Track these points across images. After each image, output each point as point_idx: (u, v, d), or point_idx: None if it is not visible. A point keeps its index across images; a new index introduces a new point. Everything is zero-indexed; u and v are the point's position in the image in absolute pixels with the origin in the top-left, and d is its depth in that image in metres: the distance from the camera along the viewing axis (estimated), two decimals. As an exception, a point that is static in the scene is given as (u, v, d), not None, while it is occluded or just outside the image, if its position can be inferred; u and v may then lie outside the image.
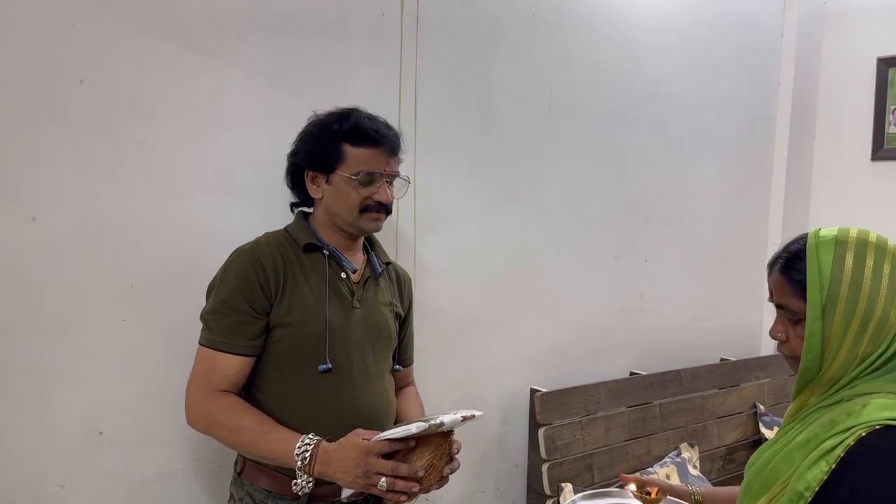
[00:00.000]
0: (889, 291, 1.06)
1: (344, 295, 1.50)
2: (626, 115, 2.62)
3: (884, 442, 0.99)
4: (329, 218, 1.51)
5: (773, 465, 1.11)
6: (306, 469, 1.33)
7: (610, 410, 2.47)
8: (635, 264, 2.74)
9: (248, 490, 1.47)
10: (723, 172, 3.03)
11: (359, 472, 1.31)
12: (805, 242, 1.13)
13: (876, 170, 3.18)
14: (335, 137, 1.46)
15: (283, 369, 1.44)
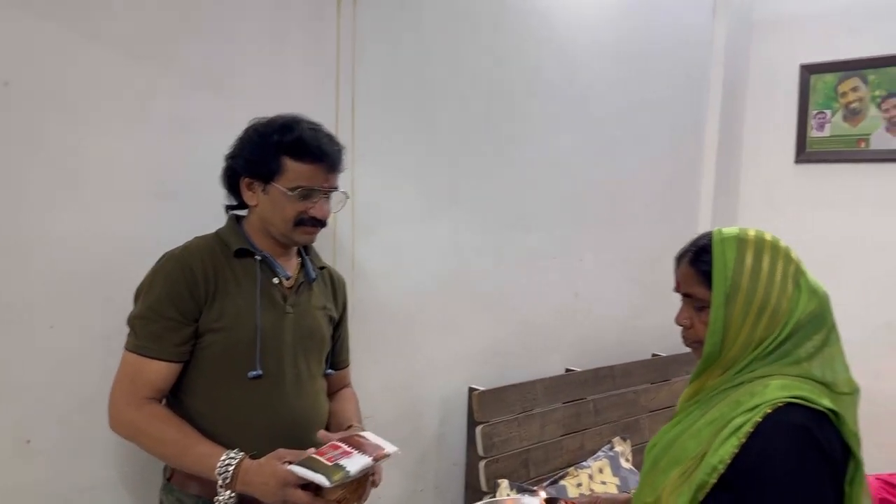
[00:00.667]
0: (782, 284, 1.17)
1: (276, 300, 1.50)
2: (561, 119, 2.68)
3: (786, 417, 1.09)
4: (263, 225, 1.50)
5: (682, 442, 1.21)
6: (228, 486, 1.33)
7: (546, 407, 2.54)
8: (571, 264, 2.81)
9: (178, 496, 1.46)
10: (655, 175, 3.12)
11: (277, 498, 1.32)
12: (711, 238, 1.23)
13: (799, 172, 3.32)
14: (276, 149, 1.44)
15: (213, 375, 1.44)
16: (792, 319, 1.16)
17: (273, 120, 1.50)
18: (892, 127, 3.03)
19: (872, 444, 3.10)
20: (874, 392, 3.08)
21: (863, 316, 3.10)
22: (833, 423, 1.12)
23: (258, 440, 1.41)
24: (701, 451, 1.15)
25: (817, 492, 1.07)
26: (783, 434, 1.08)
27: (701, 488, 1.12)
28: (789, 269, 1.19)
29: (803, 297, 1.18)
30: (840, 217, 3.19)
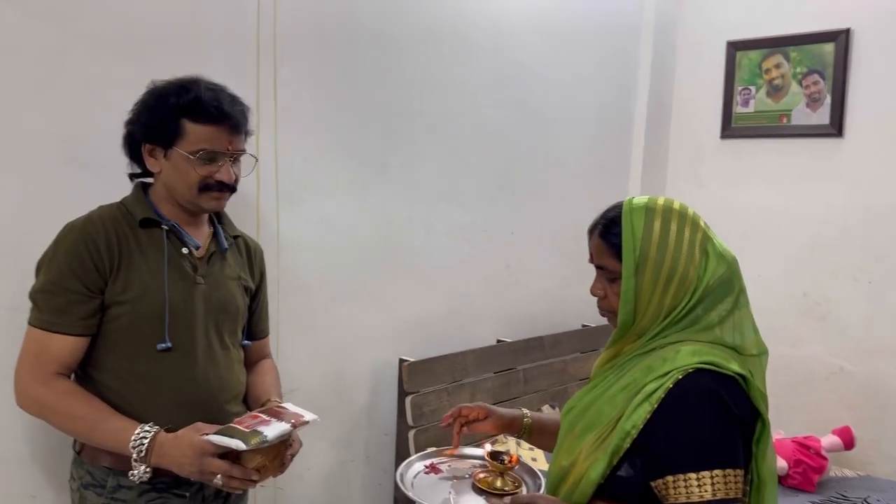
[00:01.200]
0: (689, 252, 1.20)
1: (186, 271, 1.46)
2: (492, 94, 2.70)
3: (695, 383, 1.13)
4: (168, 193, 1.46)
5: (597, 407, 1.24)
6: (143, 460, 1.32)
7: (476, 377, 2.57)
8: (502, 237, 2.84)
9: (88, 469, 1.43)
10: (585, 149, 3.17)
11: (194, 469, 1.31)
12: (620, 210, 1.25)
13: (725, 147, 3.42)
14: (174, 111, 1.39)
15: (121, 349, 1.40)
16: (700, 286, 1.20)
17: (171, 82, 1.44)
18: (812, 103, 3.14)
19: (790, 409, 3.26)
20: (792, 359, 3.24)
21: (782, 286, 3.23)
22: (741, 387, 1.16)
23: (169, 413, 1.39)
24: (615, 416, 1.19)
25: (727, 452, 1.11)
26: (694, 398, 1.13)
27: (615, 453, 1.16)
28: (696, 236, 1.22)
29: (711, 262, 1.21)
30: (762, 191, 3.30)
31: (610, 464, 1.16)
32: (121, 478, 1.39)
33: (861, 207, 3.05)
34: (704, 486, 1.09)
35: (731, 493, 1.10)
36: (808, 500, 2.64)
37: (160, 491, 1.41)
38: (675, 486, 1.11)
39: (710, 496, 1.09)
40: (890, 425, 3.02)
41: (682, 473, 1.10)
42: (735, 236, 3.34)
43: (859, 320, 3.08)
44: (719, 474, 1.10)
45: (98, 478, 1.41)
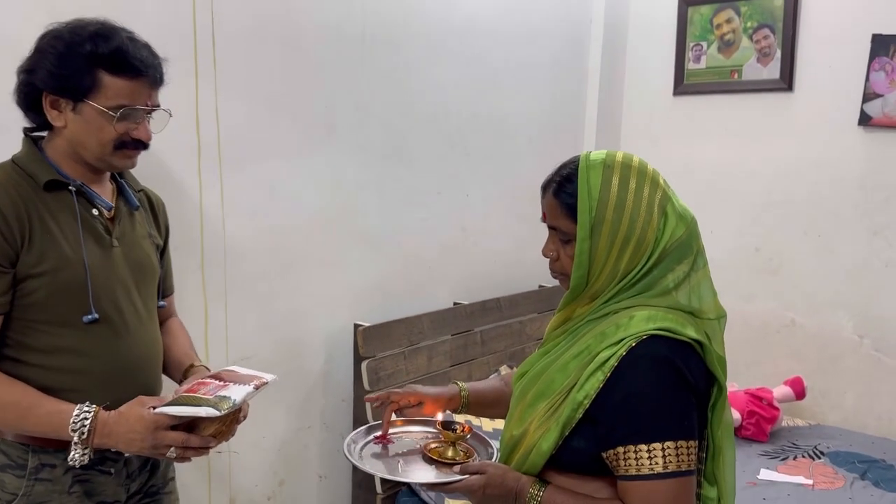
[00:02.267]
0: (647, 213, 1.15)
1: (100, 234, 1.35)
2: (442, 50, 2.64)
3: (649, 351, 1.10)
4: (72, 149, 1.32)
5: (549, 374, 1.20)
6: (85, 442, 1.24)
7: (433, 339, 2.56)
8: (457, 199, 2.81)
9: (1, 448, 1.32)
10: (538, 107, 3.14)
11: (146, 444, 1.25)
12: (576, 166, 1.18)
13: (677, 104, 3.41)
14: (89, 61, 1.24)
15: (41, 325, 1.29)
16: (658, 248, 1.15)
17: (80, 25, 1.27)
18: (762, 58, 3.14)
19: (743, 363, 3.32)
20: (745, 314, 3.29)
21: (735, 242, 3.27)
22: (697, 353, 1.13)
23: (102, 387, 1.32)
24: (567, 385, 1.15)
25: (680, 423, 1.09)
26: (646, 367, 1.09)
27: (567, 424, 1.13)
28: (655, 195, 1.16)
29: (669, 223, 1.15)
30: (715, 147, 3.32)
31: (562, 435, 1.14)
32: (42, 455, 1.31)
33: (811, 161, 3.09)
34: (655, 458, 1.07)
35: (683, 465, 1.07)
36: (760, 449, 2.71)
37: (85, 468, 1.32)
38: (626, 458, 1.08)
39: (662, 468, 1.07)
40: (839, 375, 3.10)
41: (633, 445, 1.08)
42: (689, 193, 3.33)
43: (809, 274, 3.14)
44: (671, 446, 1.07)
45: (15, 457, 1.31)
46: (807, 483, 2.42)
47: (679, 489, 1.08)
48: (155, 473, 1.50)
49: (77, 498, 1.34)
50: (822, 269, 3.11)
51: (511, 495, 1.18)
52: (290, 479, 2.32)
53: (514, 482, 1.18)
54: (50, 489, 1.32)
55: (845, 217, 3.04)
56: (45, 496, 1.32)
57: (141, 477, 1.47)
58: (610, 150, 1.21)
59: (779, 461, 2.61)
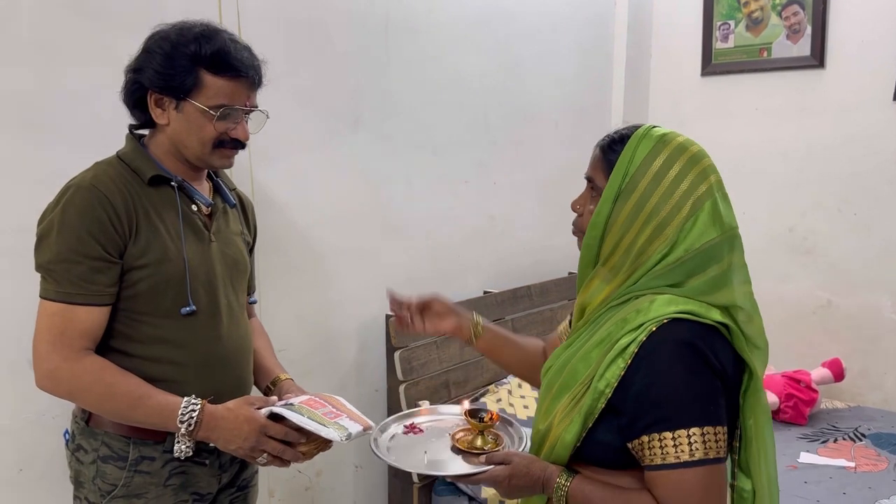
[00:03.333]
0: (680, 200, 1.10)
1: (199, 229, 1.39)
2: (466, 38, 2.62)
3: (670, 334, 1.05)
4: (174, 147, 1.36)
5: (572, 365, 1.16)
6: (191, 434, 1.27)
7: (464, 329, 2.55)
8: (485, 188, 2.79)
9: (104, 439, 1.34)
10: (564, 93, 3.11)
11: (246, 445, 1.27)
12: (634, 130, 1.16)
13: (705, 85, 3.37)
14: (192, 60, 1.28)
15: (143, 316, 1.32)
16: (681, 242, 1.09)
17: (186, 26, 1.32)
18: (792, 34, 3.08)
19: (779, 345, 3.26)
20: (780, 295, 3.24)
21: (768, 222, 3.22)
22: (724, 337, 1.08)
23: (195, 379, 1.36)
24: (590, 374, 1.11)
25: (706, 409, 1.04)
26: (668, 352, 1.04)
27: (590, 415, 1.09)
28: (697, 188, 1.10)
29: (700, 223, 1.09)
30: (745, 127, 3.27)
31: (585, 426, 1.10)
32: (142, 447, 1.35)
33: (845, 138, 3.03)
34: (681, 445, 1.02)
35: (710, 452, 1.02)
36: (799, 432, 2.67)
37: (182, 460, 1.36)
38: (651, 447, 1.04)
39: (688, 457, 1.02)
40: (878, 356, 3.05)
41: (658, 433, 1.03)
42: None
43: (846, 253, 3.08)
44: (697, 433, 1.02)
45: (117, 449, 1.34)
46: (849, 465, 2.38)
47: (708, 477, 1.03)
48: (245, 467, 1.54)
49: (173, 490, 1.38)
50: (858, 248, 3.05)
51: (538, 485, 1.15)
52: (327, 470, 2.33)
53: (541, 472, 1.15)
54: (148, 481, 1.35)
55: (881, 193, 2.98)
56: (143, 487, 1.35)
57: (232, 469, 1.49)
58: (675, 132, 1.16)
59: (819, 444, 2.57)
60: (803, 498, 2.17)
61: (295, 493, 2.26)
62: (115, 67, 1.66)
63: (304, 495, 2.29)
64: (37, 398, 1.61)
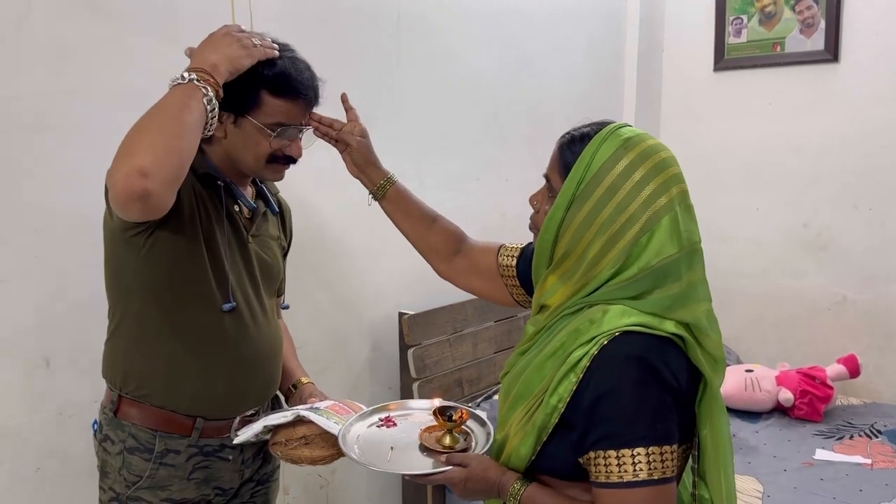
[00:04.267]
0: (638, 209, 1.04)
1: (240, 229, 1.43)
2: (476, 34, 2.62)
3: (622, 348, 1.02)
4: (228, 157, 1.38)
5: (527, 376, 1.13)
6: (191, 79, 1.19)
7: (477, 326, 2.56)
8: (496, 185, 2.79)
9: (131, 431, 1.36)
10: (575, 89, 3.10)
11: (230, 47, 1.23)
12: (599, 129, 1.10)
13: (719, 80, 3.35)
14: (254, 81, 1.30)
15: (180, 306, 1.34)
16: (635, 256, 1.04)
17: None
18: (805, 28, 3.06)
19: (794, 342, 3.25)
20: (795, 291, 3.22)
21: (782, 218, 3.20)
22: (679, 348, 1.05)
23: (226, 375, 1.39)
24: (543, 387, 1.08)
25: (652, 426, 1.01)
26: (618, 367, 1.02)
27: (543, 429, 1.07)
28: (657, 199, 1.04)
29: (657, 236, 1.04)
30: (758, 122, 3.24)
31: (539, 440, 1.08)
32: (168, 441, 1.37)
33: (859, 133, 3.00)
34: (625, 465, 1.00)
35: (655, 473, 0.99)
36: (815, 429, 2.66)
37: (206, 455, 1.41)
38: (597, 464, 1.02)
39: (632, 476, 0.99)
40: (894, 352, 3.02)
41: (603, 451, 1.01)
42: (732, 170, 3.31)
43: (861, 248, 3.06)
44: (642, 452, 0.99)
45: (144, 441, 1.37)
46: (865, 462, 2.37)
47: (652, 498, 1.00)
48: (266, 462, 1.56)
49: (196, 483, 1.41)
50: (873, 243, 3.03)
51: (494, 489, 1.14)
52: (341, 468, 2.34)
53: (497, 477, 1.13)
54: (172, 474, 1.38)
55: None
56: (168, 480, 1.38)
57: (254, 464, 1.52)
58: (645, 134, 1.10)
59: (835, 441, 2.55)
60: (819, 495, 2.16)
61: (310, 491, 2.27)
62: (130, 68, 1.69)
63: (319, 493, 2.30)
64: (54, 398, 1.64)
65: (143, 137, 1.13)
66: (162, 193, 1.11)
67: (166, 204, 1.15)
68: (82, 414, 1.66)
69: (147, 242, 1.28)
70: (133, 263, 1.31)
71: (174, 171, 1.13)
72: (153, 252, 1.29)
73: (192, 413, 1.38)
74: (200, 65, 1.22)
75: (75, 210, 1.59)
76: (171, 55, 1.62)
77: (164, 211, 1.16)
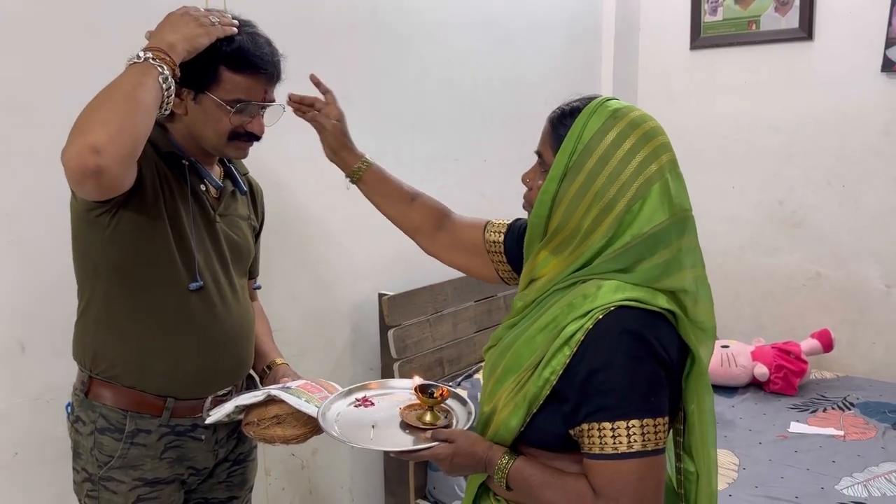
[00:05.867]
0: (629, 178, 1.06)
1: (207, 208, 1.42)
2: (454, 13, 2.60)
3: (617, 323, 1.04)
4: (190, 134, 1.38)
5: (516, 349, 1.14)
6: (147, 58, 1.19)
7: (457, 306, 2.57)
8: (475, 165, 2.79)
9: (102, 412, 1.37)
10: (553, 69, 3.10)
11: (188, 27, 1.24)
12: (587, 103, 1.12)
13: (695, 59, 3.36)
14: (211, 56, 1.29)
15: (149, 286, 1.34)
16: (627, 227, 1.06)
17: None
18: (780, 7, 3.08)
19: (769, 317, 3.30)
20: (770, 268, 3.26)
21: (757, 196, 3.23)
22: (671, 323, 1.07)
23: (196, 354, 1.39)
24: (535, 360, 1.10)
25: (646, 400, 1.03)
26: (612, 341, 1.03)
27: (535, 401, 1.09)
28: (648, 166, 1.06)
29: (649, 203, 1.06)
30: (735, 101, 3.27)
31: (529, 411, 1.09)
32: (139, 420, 1.37)
33: (833, 111, 3.03)
34: (619, 437, 1.02)
35: (648, 444, 1.02)
36: (790, 402, 2.71)
37: (178, 434, 1.41)
38: (590, 436, 1.03)
39: (626, 448, 1.01)
40: (866, 326, 3.08)
41: (598, 423, 1.03)
42: (709, 149, 3.33)
43: (834, 225, 3.10)
44: (636, 424, 1.01)
45: (114, 421, 1.37)
46: (838, 434, 2.42)
47: (644, 469, 1.02)
48: (241, 442, 1.56)
49: (168, 463, 1.41)
50: (847, 220, 3.08)
51: (481, 464, 1.15)
52: (322, 448, 2.35)
53: (484, 451, 1.14)
54: (144, 453, 1.38)
55: (869, 166, 2.99)
56: (139, 460, 1.38)
57: (228, 444, 1.53)
58: (631, 105, 1.12)
59: (808, 413, 2.61)
60: (794, 467, 2.21)
61: (291, 472, 2.28)
62: (102, 50, 1.64)
63: (301, 474, 2.31)
64: (30, 383, 1.62)
65: (96, 115, 1.13)
66: (115, 170, 1.12)
67: (122, 181, 1.16)
68: (59, 398, 1.64)
69: (111, 223, 1.28)
70: (98, 244, 1.30)
71: (127, 148, 1.14)
72: (117, 232, 1.29)
73: (162, 393, 1.38)
74: (158, 44, 1.22)
75: (47, 193, 1.56)
76: (138, 33, 1.60)
77: (121, 189, 1.18)
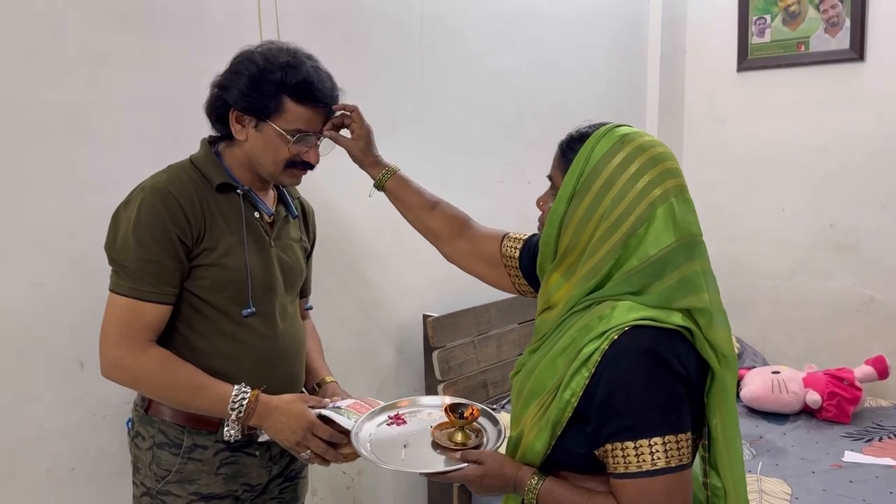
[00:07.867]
0: (634, 200, 1.09)
1: (261, 235, 1.46)
2: (499, 37, 2.63)
3: (632, 342, 1.05)
4: (248, 160, 1.43)
5: (538, 373, 1.16)
6: (241, 420, 1.34)
7: (501, 328, 2.57)
8: (519, 187, 2.80)
9: (160, 427, 1.42)
10: (598, 91, 3.10)
11: (293, 438, 1.35)
12: (597, 129, 1.16)
13: (742, 80, 3.33)
14: (276, 87, 1.35)
15: (205, 313, 1.40)
16: (633, 251, 1.08)
17: (272, 52, 1.39)
18: (830, 28, 3.04)
19: (823, 343, 3.22)
20: (822, 292, 3.19)
21: (808, 219, 3.17)
22: (687, 340, 1.08)
23: (249, 375, 1.41)
24: (556, 383, 1.12)
25: (668, 417, 1.04)
26: (630, 360, 1.05)
27: (558, 423, 1.10)
28: (653, 190, 1.09)
29: (653, 229, 1.08)
30: (783, 122, 3.22)
31: (554, 434, 1.11)
32: (196, 436, 1.41)
33: (886, 132, 2.97)
34: (643, 455, 1.03)
35: (672, 461, 1.03)
36: (843, 431, 2.63)
37: (233, 450, 1.44)
38: (615, 455, 1.05)
39: (650, 465, 1.03)
40: (924, 353, 2.98)
41: (621, 442, 1.04)
42: (757, 171, 3.29)
43: (889, 248, 3.02)
44: (658, 442, 1.03)
45: (172, 437, 1.41)
46: (895, 465, 2.34)
47: (670, 485, 1.03)
48: (294, 459, 1.58)
49: (223, 479, 1.44)
50: (901, 244, 2.99)
51: (510, 485, 1.16)
52: (368, 468, 2.36)
53: (513, 473, 1.15)
54: (200, 468, 1.42)
55: (926, 188, 2.91)
56: (196, 475, 1.42)
57: (282, 461, 1.55)
58: (641, 131, 1.16)
59: (863, 443, 2.52)
60: (849, 497, 2.14)
61: (336, 491, 2.29)
62: (160, 75, 1.72)
63: (346, 494, 2.32)
64: (88, 399, 1.67)
65: (153, 388, 1.37)
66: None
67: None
68: (115, 414, 1.70)
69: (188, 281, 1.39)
70: None
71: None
72: (189, 279, 1.38)
73: None
74: (259, 422, 1.36)
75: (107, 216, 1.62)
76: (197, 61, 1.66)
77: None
